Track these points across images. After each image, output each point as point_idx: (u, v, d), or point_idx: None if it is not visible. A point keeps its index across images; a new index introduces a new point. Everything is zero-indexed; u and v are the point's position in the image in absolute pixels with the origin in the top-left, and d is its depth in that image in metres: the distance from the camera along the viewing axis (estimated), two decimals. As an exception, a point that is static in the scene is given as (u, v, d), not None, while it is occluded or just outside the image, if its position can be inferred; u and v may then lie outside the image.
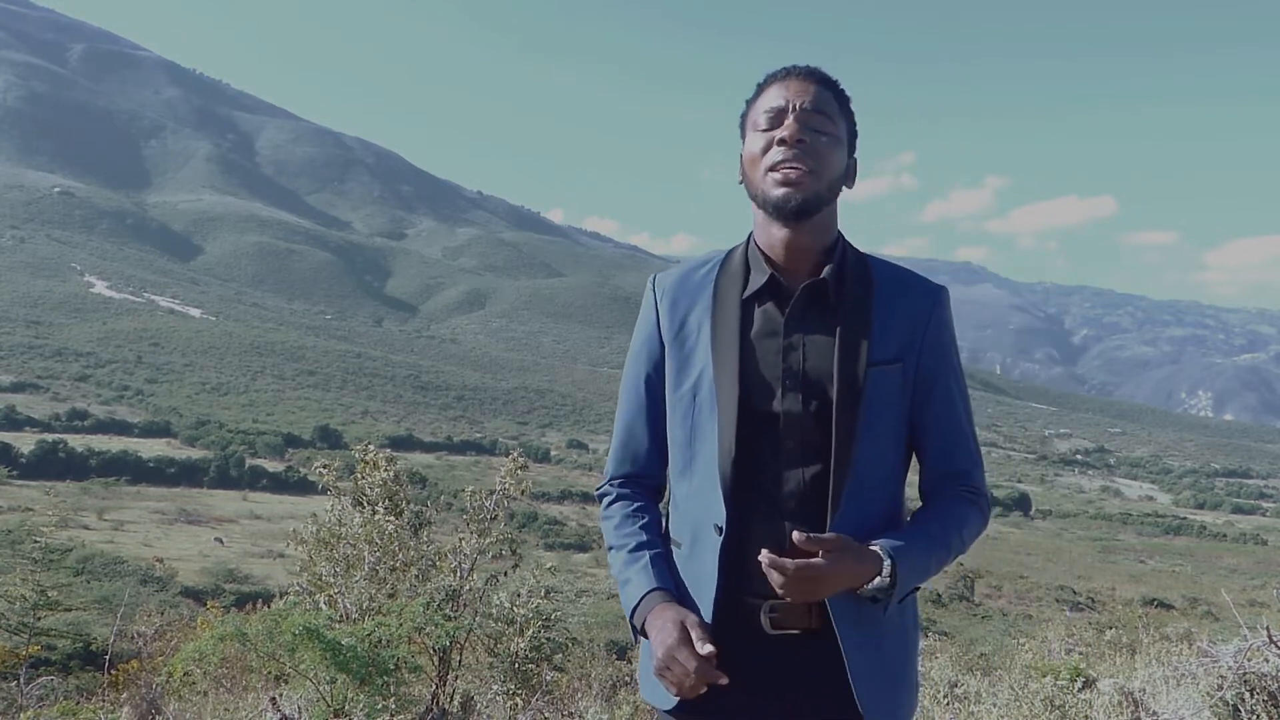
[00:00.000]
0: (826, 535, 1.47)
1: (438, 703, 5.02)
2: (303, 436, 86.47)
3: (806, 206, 1.57)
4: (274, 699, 4.50)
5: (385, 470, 5.52)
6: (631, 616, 1.62)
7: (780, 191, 1.57)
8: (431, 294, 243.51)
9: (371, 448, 5.70)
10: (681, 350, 1.67)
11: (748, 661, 1.58)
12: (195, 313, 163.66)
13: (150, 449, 72.55)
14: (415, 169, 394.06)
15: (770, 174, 1.58)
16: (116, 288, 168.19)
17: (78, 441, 68.40)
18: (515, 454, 5.75)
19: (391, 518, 5.33)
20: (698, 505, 1.63)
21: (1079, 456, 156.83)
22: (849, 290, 1.61)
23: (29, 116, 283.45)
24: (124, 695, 6.47)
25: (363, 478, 5.51)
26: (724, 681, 1.49)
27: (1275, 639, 3.88)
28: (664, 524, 1.74)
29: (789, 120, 1.58)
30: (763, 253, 1.65)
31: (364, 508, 5.43)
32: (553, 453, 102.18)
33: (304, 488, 58.02)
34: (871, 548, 1.50)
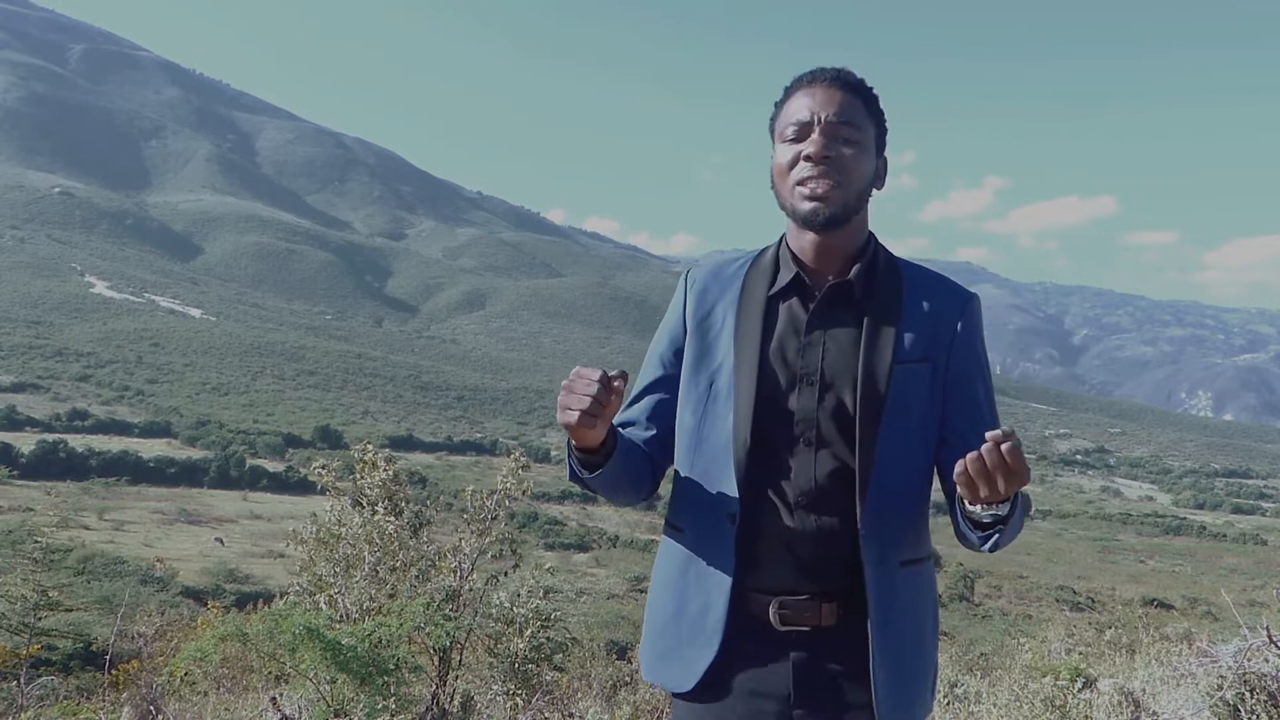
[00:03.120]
0: (1006, 429, 1.37)
1: (438, 703, 5.02)
2: (303, 436, 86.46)
3: (834, 220, 1.59)
4: (274, 699, 4.51)
5: (385, 470, 5.51)
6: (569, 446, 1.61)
7: (808, 206, 1.59)
8: (431, 294, 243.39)
9: (371, 448, 5.69)
10: (704, 339, 1.69)
11: (755, 657, 1.60)
12: (195, 313, 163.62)
13: (150, 449, 72.56)
14: (415, 169, 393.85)
15: (798, 188, 1.60)
16: (116, 288, 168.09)
17: (78, 441, 68.41)
18: (517, 454, 5.74)
19: (391, 518, 5.33)
20: (704, 492, 1.64)
21: (1079, 456, 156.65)
22: (877, 290, 1.63)
23: (29, 116, 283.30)
24: (124, 695, 6.47)
25: (362, 478, 5.51)
26: (618, 383, 1.49)
27: (1275, 639, 3.88)
28: (665, 505, 1.75)
29: (815, 135, 1.58)
30: (793, 254, 1.67)
31: (364, 508, 5.43)
32: (553, 453, 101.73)
33: (304, 488, 57.99)
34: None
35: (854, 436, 1.57)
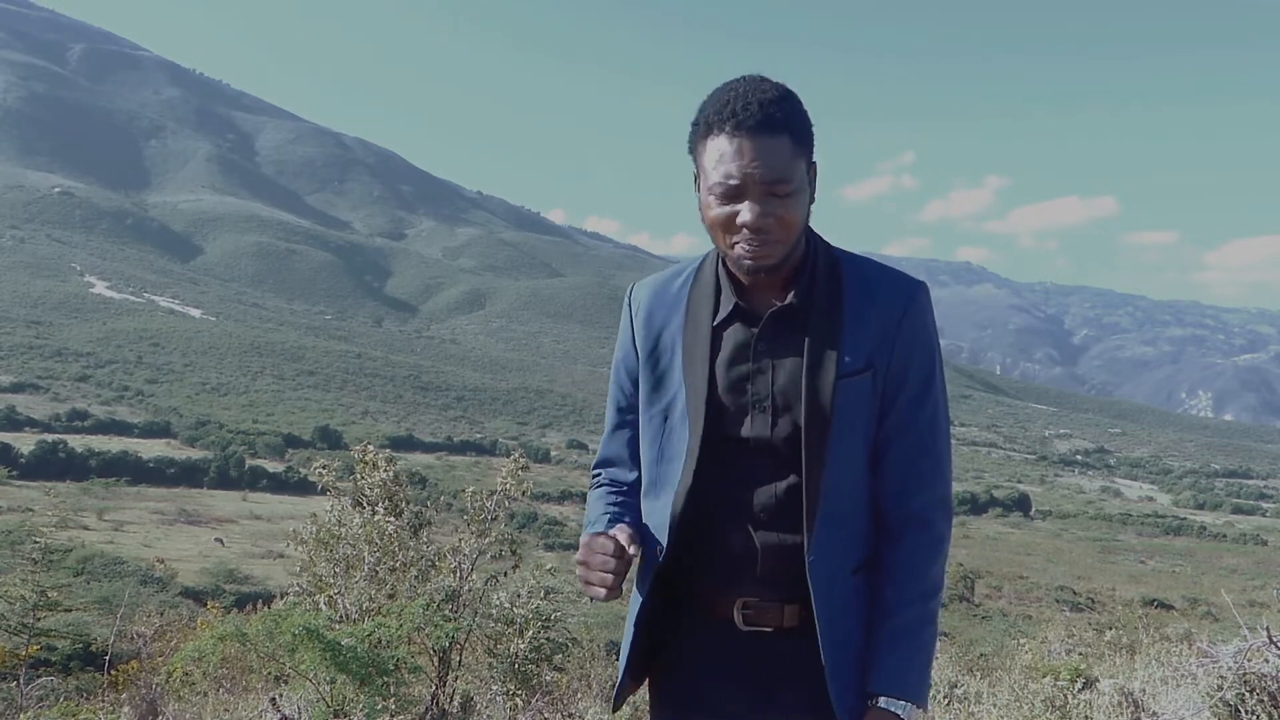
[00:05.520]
0: None
1: (438, 703, 5.02)
2: (303, 437, 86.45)
3: (777, 269, 1.56)
4: (274, 699, 4.50)
5: (385, 470, 5.51)
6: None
7: (749, 264, 1.54)
8: (431, 294, 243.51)
9: (371, 448, 5.69)
10: (655, 369, 1.67)
11: (723, 658, 1.63)
12: (195, 313, 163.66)
13: (150, 449, 72.60)
14: (415, 169, 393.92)
15: (737, 247, 1.54)
16: (116, 288, 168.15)
17: (78, 442, 68.42)
18: (517, 454, 5.75)
19: (391, 518, 5.33)
20: (649, 532, 1.68)
21: (1079, 457, 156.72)
22: (818, 305, 1.58)
23: (29, 116, 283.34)
24: (124, 695, 6.47)
25: (362, 478, 5.51)
26: (634, 551, 1.55)
27: (1275, 639, 3.88)
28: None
29: (748, 203, 1.50)
30: (730, 276, 1.63)
31: (363, 508, 5.43)
32: (553, 453, 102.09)
33: (304, 488, 57.94)
34: (886, 710, 1.52)
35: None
